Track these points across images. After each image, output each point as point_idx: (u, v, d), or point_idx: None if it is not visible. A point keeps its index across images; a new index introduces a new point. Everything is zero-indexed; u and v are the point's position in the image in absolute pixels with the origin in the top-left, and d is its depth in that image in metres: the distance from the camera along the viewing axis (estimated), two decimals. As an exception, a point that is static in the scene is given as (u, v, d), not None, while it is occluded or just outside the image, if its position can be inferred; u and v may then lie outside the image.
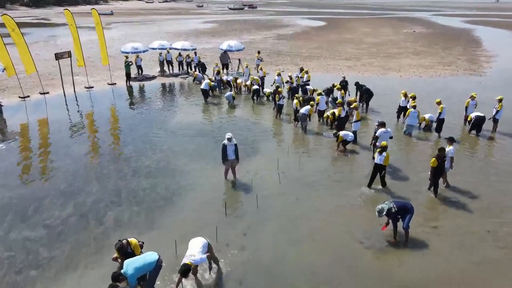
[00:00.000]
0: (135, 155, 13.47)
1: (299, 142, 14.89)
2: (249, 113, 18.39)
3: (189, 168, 12.46)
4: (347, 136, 13.60)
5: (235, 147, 11.25)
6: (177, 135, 15.46)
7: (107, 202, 10.44)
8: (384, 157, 10.60)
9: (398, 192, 10.97)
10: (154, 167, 12.51)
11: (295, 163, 12.78)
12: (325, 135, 15.43)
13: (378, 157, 10.72)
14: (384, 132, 11.84)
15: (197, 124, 16.69)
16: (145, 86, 23.90)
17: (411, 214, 8.60)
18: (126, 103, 20.32)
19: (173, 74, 26.66)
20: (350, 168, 12.53)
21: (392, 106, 18.73)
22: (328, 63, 31.00)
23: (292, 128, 16.34)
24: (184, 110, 18.84)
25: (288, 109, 18.40)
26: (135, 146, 14.31)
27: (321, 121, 16.97)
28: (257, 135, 15.42)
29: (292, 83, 20.28)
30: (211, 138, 14.96)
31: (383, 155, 10.62)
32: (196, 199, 10.61)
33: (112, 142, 14.84)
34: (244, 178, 11.73)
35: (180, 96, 21.65)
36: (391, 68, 28.77)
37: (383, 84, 23.94)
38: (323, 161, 13.01)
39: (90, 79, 25.00)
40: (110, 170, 12.35)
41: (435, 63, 30.71)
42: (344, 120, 15.07)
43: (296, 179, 11.73)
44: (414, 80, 25.12)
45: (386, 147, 10.68)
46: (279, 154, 13.48)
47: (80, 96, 21.41)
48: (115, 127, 16.53)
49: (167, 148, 14.07)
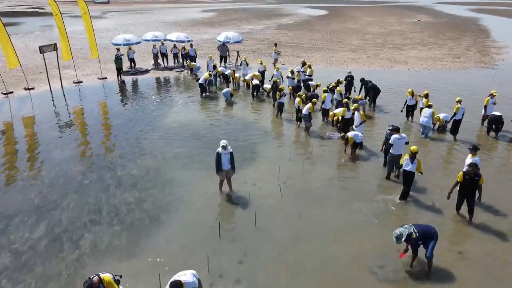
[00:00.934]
0: (122, 162, 12.20)
1: (301, 145, 13.60)
2: (248, 111, 17.06)
3: (180, 177, 11.19)
4: (357, 137, 12.30)
5: (231, 156, 9.97)
6: (169, 137, 14.16)
7: (85, 220, 9.20)
8: (416, 164, 9.47)
9: (417, 206, 9.73)
10: (142, 177, 11.25)
11: (298, 171, 11.51)
12: (328, 136, 14.14)
13: (409, 165, 9.53)
14: (399, 138, 10.53)
15: (191, 124, 15.38)
16: (137, 81, 22.51)
17: (435, 240, 7.36)
18: (116, 100, 18.97)
19: (167, 67, 25.25)
20: (359, 177, 11.25)
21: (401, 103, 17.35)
22: (332, 55, 29.52)
23: (294, 128, 15.02)
24: (178, 108, 17.51)
25: (290, 107, 17.06)
26: (123, 150, 13.03)
27: (325, 120, 15.65)
28: (256, 137, 14.12)
29: (293, 78, 18.88)
30: (206, 142, 13.66)
31: (414, 162, 9.48)
32: (187, 217, 9.37)
33: (98, 145, 13.54)
34: (241, 190, 10.47)
35: (175, 92, 20.28)
36: (398, 61, 27.30)
37: (390, 78, 22.54)
38: (328, 169, 11.73)
39: (80, 72, 23.65)
40: (93, 179, 11.09)
41: (444, 55, 29.22)
42: (349, 122, 13.73)
43: (299, 191, 10.47)
44: (422, 74, 23.70)
45: (416, 152, 9.52)
46: (280, 160, 12.21)
47: (68, 92, 20.05)
48: (103, 128, 15.22)
49: (157, 153, 12.79)
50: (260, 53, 30.07)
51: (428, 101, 14.60)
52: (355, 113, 13.25)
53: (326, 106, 15.46)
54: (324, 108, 15.46)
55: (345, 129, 13.58)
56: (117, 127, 15.27)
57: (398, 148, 10.66)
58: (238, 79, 20.68)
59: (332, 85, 16.47)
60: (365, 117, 13.44)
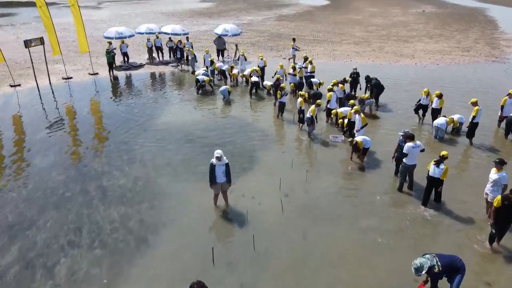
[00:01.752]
0: (109, 169, 11.17)
1: (304, 150, 12.54)
2: (246, 111, 15.95)
3: (171, 189, 10.16)
4: (366, 142, 11.24)
5: (226, 167, 8.93)
6: (161, 141, 13.10)
7: (63, 241, 8.20)
8: (443, 170, 8.72)
9: (437, 224, 8.72)
10: (129, 188, 10.22)
11: (301, 181, 10.48)
12: (332, 140, 13.07)
13: (436, 170, 8.81)
14: (413, 147, 9.46)
15: (185, 126, 14.30)
16: (130, 77, 21.34)
17: (461, 274, 6.35)
18: (107, 98, 17.84)
19: (163, 61, 24.05)
20: (369, 189, 10.21)
21: (408, 101, 16.30)
22: (335, 48, 28.27)
23: (297, 130, 13.94)
24: (172, 107, 16.40)
25: (292, 106, 15.96)
26: (110, 157, 11.98)
27: (329, 121, 14.57)
28: (255, 141, 13.06)
29: (295, 75, 17.72)
30: (200, 147, 12.61)
31: (441, 167, 8.73)
32: (177, 238, 8.36)
33: (84, 150, 12.49)
34: (238, 205, 9.46)
35: (169, 89, 19.13)
36: (404, 54, 26.07)
37: (397, 73, 21.36)
38: (334, 178, 10.68)
39: (71, 67, 22.50)
40: (75, 191, 10.07)
41: (452, 48, 27.96)
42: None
43: (302, 205, 9.45)
44: (430, 69, 22.50)
45: (446, 157, 8.87)
46: (281, 168, 11.18)
47: (56, 89, 18.94)
48: (91, 130, 14.12)
49: (148, 160, 11.75)
50: (260, 46, 28.84)
51: (443, 102, 13.50)
52: (355, 116, 12.17)
53: (332, 106, 14.34)
54: (330, 108, 14.35)
55: (352, 133, 12.53)
56: (107, 128, 14.21)
57: (413, 158, 9.62)
58: (237, 75, 19.52)
59: (334, 82, 15.32)
60: (371, 117, 12.37)
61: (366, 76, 16.50)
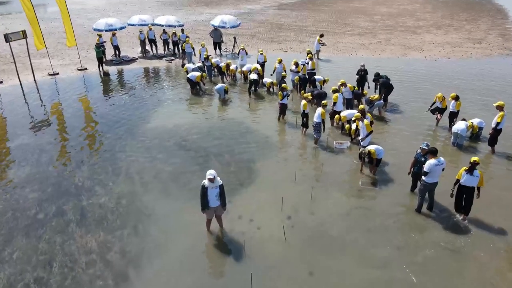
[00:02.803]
0: (90, 185, 9.96)
1: (309, 160, 11.30)
2: (245, 112, 14.65)
3: (159, 210, 8.97)
4: (380, 152, 10.01)
5: (221, 190, 7.73)
6: (151, 148, 11.86)
7: (30, 279, 7.05)
8: (478, 177, 8.04)
9: (466, 253, 7.55)
10: (111, 208, 9.02)
11: (306, 200, 9.28)
12: (337, 147, 11.84)
13: (469, 178, 8.09)
14: (436, 164, 8.21)
15: (178, 130, 13.05)
16: (122, 72, 19.98)
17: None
18: (94, 97, 16.53)
19: (157, 55, 22.63)
20: (383, 209, 9.01)
21: (420, 101, 15.04)
22: (338, 40, 26.79)
23: (300, 135, 12.69)
24: (165, 108, 15.09)
25: (296, 105, 14.68)
26: (93, 169, 10.75)
27: (334, 124, 13.32)
28: (254, 149, 11.81)
29: (297, 72, 16.38)
30: (194, 156, 11.38)
31: (475, 174, 8.03)
32: (162, 275, 7.19)
33: (65, 160, 11.26)
34: (235, 230, 8.28)
35: (163, 86, 17.78)
36: (412, 47, 24.62)
37: (405, 68, 19.99)
38: (343, 196, 9.47)
39: (58, 62, 21.15)
40: (49, 213, 8.88)
41: (463, 40, 26.47)
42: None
43: (308, 231, 8.27)
44: (442, 64, 21.11)
45: (476, 163, 7.98)
46: (284, 183, 9.97)
47: (42, 86, 17.64)
48: (74, 136, 12.85)
49: (134, 172, 10.53)
50: (260, 38, 27.35)
51: (459, 104, 12.25)
52: (359, 124, 10.91)
53: (338, 108, 13.07)
54: (335, 110, 13.07)
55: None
56: (92, 134, 12.95)
57: (435, 176, 8.40)
58: (234, 71, 18.16)
59: (342, 82, 14.01)
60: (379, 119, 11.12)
61: (375, 73, 15.13)
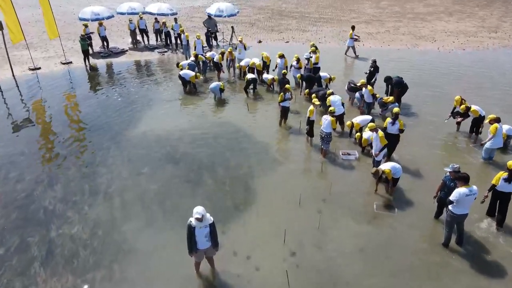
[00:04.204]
0: (62, 210, 8.60)
1: (315, 177, 9.85)
2: (242, 115, 13.16)
3: (140, 244, 7.63)
4: (396, 171, 8.62)
5: (211, 228, 6.35)
6: (136, 161, 10.45)
7: None
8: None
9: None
10: (84, 242, 7.68)
11: (312, 230, 7.93)
12: (343, 158, 10.44)
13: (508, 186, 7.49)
14: (467, 194, 6.81)
15: (168, 138, 11.62)
16: (110, 67, 18.39)
17: None
18: (77, 97, 15.02)
19: (148, 46, 20.97)
20: (404, 243, 7.64)
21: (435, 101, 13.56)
22: (344, 28, 24.98)
23: (304, 143, 11.26)
24: (154, 110, 13.58)
25: (299, 106, 13.21)
26: (68, 187, 9.38)
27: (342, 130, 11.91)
28: (252, 162, 10.40)
29: (299, 68, 14.83)
30: (184, 170, 9.99)
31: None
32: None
33: (35, 176, 9.84)
34: (229, 271, 6.97)
35: (154, 84, 16.20)
36: (423, 37, 22.89)
37: (417, 61, 18.37)
38: (356, 226, 8.10)
39: (41, 54, 19.54)
40: (10, 248, 7.55)
41: (477, 29, 24.69)
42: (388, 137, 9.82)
43: (316, 274, 6.94)
44: (457, 56, 19.47)
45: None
46: (286, 207, 8.62)
47: (21, 83, 16.10)
48: (49, 146, 11.42)
49: (115, 192, 9.16)
50: (260, 26, 25.56)
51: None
52: (373, 134, 9.44)
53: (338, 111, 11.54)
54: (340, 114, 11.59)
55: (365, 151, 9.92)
56: (71, 142, 11.48)
57: (464, 206, 7.03)
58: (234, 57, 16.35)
59: (362, 82, 12.39)
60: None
61: (385, 78, 13.44)
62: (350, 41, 19.03)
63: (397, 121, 9.77)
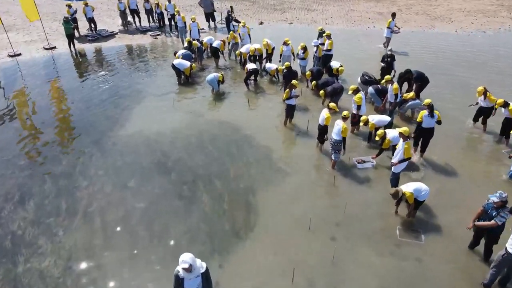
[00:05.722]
0: (32, 236, 7.38)
1: (327, 195, 8.51)
2: (243, 112, 11.77)
3: (121, 282, 6.43)
4: (420, 193, 7.32)
5: (203, 278, 5.12)
6: (122, 171, 9.17)
7: None
8: None
9: None
10: (55, 282, 6.47)
11: (325, 264, 6.72)
12: (358, 166, 9.13)
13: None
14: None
15: (158, 141, 10.29)
16: (98, 52, 16.82)
17: None
18: (58, 89, 13.57)
19: (140, 28, 19.26)
20: (436, 282, 6.44)
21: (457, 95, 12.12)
22: (351, 7, 23.16)
23: (314, 149, 9.90)
24: (145, 107, 12.14)
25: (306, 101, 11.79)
26: (42, 206, 8.12)
27: (355, 131, 10.56)
28: (253, 171, 9.10)
29: (304, 59, 13.29)
30: (175, 184, 8.71)
31: None
32: None
33: (4, 194, 8.55)
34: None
35: (145, 74, 14.65)
36: (439, 17, 21.10)
37: (434, 46, 16.78)
38: (377, 258, 6.87)
39: (23, 38, 17.95)
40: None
41: (496, 7, 22.82)
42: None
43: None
44: (477, 39, 17.81)
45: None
46: (294, 233, 7.40)
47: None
48: (23, 151, 10.03)
49: (95, 212, 7.92)
50: (261, 5, 23.68)
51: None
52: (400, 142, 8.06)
53: (362, 112, 10.18)
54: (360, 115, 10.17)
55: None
56: (49, 148, 10.12)
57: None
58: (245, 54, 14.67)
59: (387, 78, 10.75)
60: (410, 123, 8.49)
61: (404, 71, 11.85)
62: (388, 32, 15.83)
63: (435, 112, 8.87)
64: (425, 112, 8.90)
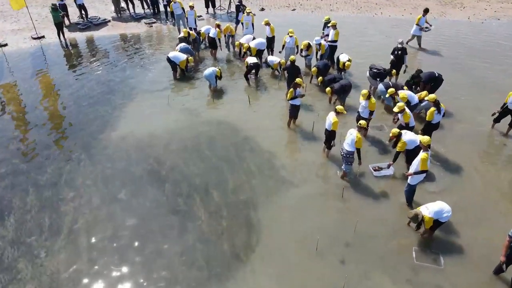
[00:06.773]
0: (11, 259, 6.74)
1: (335, 210, 7.71)
2: (243, 112, 10.91)
3: (107, 318, 5.80)
4: (442, 216, 6.55)
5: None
6: (112, 180, 8.44)
7: None
8: None
9: None
10: (34, 315, 5.84)
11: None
12: (375, 175, 8.39)
13: None
14: None
15: (152, 145, 9.50)
16: (90, 42, 15.80)
17: None
18: (45, 84, 12.68)
19: (134, 16, 18.17)
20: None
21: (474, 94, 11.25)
22: (358, -9, 21.89)
23: (321, 155, 9.12)
24: (138, 106, 11.26)
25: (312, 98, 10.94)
26: (23, 222, 7.42)
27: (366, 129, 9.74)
28: (254, 180, 8.35)
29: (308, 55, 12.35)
30: (170, 197, 7.97)
31: None
32: None
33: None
34: None
35: (138, 68, 13.67)
36: (450, 2, 19.94)
37: (447, 36, 15.74)
38: (393, 286, 6.19)
39: (10, 26, 16.97)
40: None
41: (510, -8, 21.59)
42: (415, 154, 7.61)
43: None
44: (492, 28, 16.76)
45: None
46: (299, 255, 6.71)
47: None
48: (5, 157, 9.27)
49: (81, 231, 7.23)
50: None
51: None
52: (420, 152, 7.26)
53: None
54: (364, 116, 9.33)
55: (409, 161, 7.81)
56: (31, 153, 9.34)
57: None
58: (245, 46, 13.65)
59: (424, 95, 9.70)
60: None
61: (413, 75, 10.95)
62: (416, 29, 14.21)
63: (441, 106, 8.61)
64: (434, 109, 8.44)
